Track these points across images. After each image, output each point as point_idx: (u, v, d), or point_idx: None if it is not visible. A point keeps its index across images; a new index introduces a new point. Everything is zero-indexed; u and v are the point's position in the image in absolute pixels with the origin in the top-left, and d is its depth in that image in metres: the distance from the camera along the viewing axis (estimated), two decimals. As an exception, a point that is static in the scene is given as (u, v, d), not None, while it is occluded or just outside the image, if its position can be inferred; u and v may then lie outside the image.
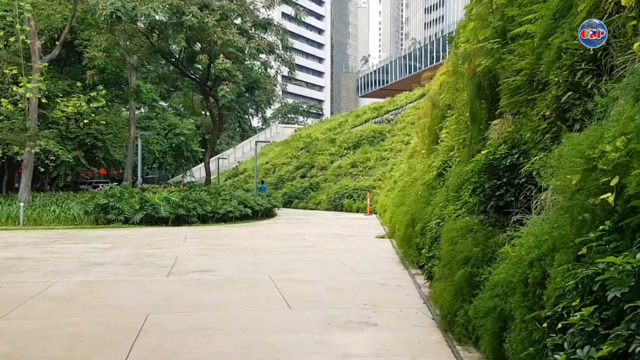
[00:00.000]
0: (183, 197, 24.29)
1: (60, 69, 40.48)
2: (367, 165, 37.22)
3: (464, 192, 7.39)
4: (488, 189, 6.05)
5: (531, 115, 6.01)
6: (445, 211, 7.90)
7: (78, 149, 41.36)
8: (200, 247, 15.07)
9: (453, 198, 8.92)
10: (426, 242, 8.90)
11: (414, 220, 10.90)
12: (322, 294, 8.46)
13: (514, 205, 5.74)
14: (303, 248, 14.73)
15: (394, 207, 16.66)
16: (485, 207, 6.05)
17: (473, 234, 5.85)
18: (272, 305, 7.72)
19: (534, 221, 4.85)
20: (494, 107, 8.73)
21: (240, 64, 29.01)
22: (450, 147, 11.79)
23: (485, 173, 6.23)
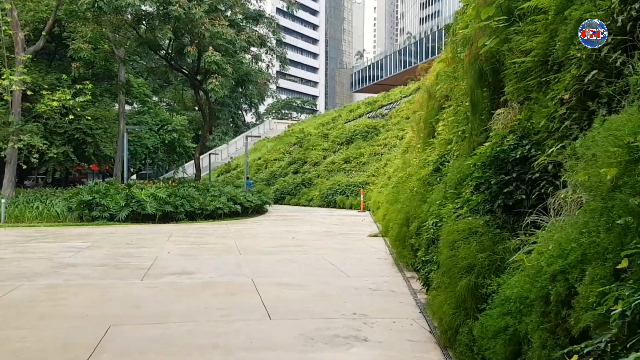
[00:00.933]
0: (170, 193, 23.46)
1: (49, 63, 39.50)
2: (360, 160, 36.40)
3: (465, 189, 6.60)
4: (494, 186, 5.26)
5: (545, 100, 5.21)
6: (443, 210, 7.11)
7: (67, 144, 40.47)
8: (184, 246, 14.26)
9: (452, 195, 8.14)
10: (422, 243, 8.11)
11: (409, 219, 10.10)
12: (308, 301, 7.65)
13: (526, 204, 4.94)
14: (291, 247, 13.92)
15: (388, 204, 15.86)
16: (491, 206, 5.26)
17: (477, 238, 5.05)
18: (251, 314, 6.91)
19: (555, 225, 4.06)
20: (497, 95, 7.94)
21: (230, 57, 28.08)
22: (448, 141, 11.01)
23: (490, 167, 5.44)
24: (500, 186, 5.17)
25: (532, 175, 4.92)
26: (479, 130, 8.27)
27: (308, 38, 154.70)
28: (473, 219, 5.45)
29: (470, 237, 5.15)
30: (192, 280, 9.39)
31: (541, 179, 4.85)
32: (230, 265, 10.92)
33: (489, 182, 5.42)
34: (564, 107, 4.70)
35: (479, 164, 5.92)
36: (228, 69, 26.74)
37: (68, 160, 40.98)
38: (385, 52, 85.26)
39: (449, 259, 5.19)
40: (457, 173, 7.95)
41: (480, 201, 5.47)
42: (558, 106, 4.81)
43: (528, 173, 4.98)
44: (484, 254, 4.82)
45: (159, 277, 9.67)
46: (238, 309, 7.22)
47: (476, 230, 5.15)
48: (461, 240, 5.24)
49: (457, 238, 5.34)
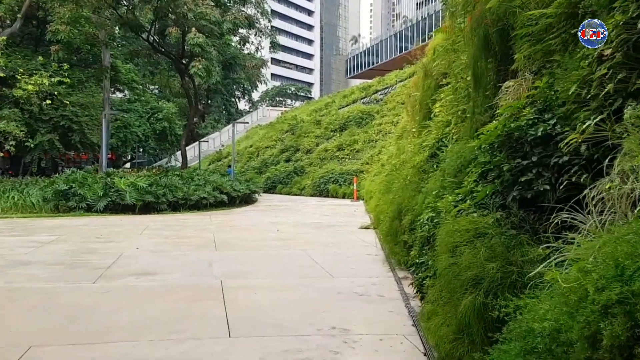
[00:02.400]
0: (152, 182, 22.20)
1: (35, 48, 38.08)
2: (354, 148, 35.07)
3: (468, 178, 5.39)
4: (507, 173, 4.06)
5: (574, 61, 3.99)
6: (441, 202, 5.90)
7: (53, 132, 39.25)
8: (157, 240, 13.05)
9: (451, 184, 6.94)
10: (416, 241, 6.91)
11: (401, 212, 8.90)
12: (280, 311, 6.45)
13: (550, 197, 3.73)
14: (274, 242, 12.71)
15: (380, 194, 14.65)
16: (503, 200, 4.06)
17: (486, 241, 3.85)
18: (208, 330, 5.71)
19: (599, 228, 2.85)
20: (504, 66, 6.73)
21: (215, 39, 26.73)
22: (446, 123, 9.80)
23: (502, 149, 4.25)
24: (515, 174, 3.97)
25: (559, 158, 3.72)
26: (483, 108, 7.07)
27: (303, 24, 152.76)
28: (479, 215, 4.24)
29: (476, 240, 3.95)
30: (152, 282, 8.18)
31: (571, 163, 3.65)
32: (202, 264, 9.71)
33: (499, 169, 4.23)
34: (603, 67, 3.48)
35: (486, 146, 4.72)
36: (212, 51, 25.46)
37: (54, 148, 39.82)
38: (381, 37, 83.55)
39: (449, 268, 3.98)
40: (457, 158, 6.75)
41: (488, 193, 4.25)
42: (594, 66, 3.59)
43: (553, 156, 3.77)
44: (495, 263, 3.63)
45: (115, 278, 8.46)
46: (195, 322, 6.02)
47: (484, 231, 3.94)
48: (464, 243, 4.04)
49: (459, 240, 4.14)
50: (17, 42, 38.51)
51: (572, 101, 3.82)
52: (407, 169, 10.54)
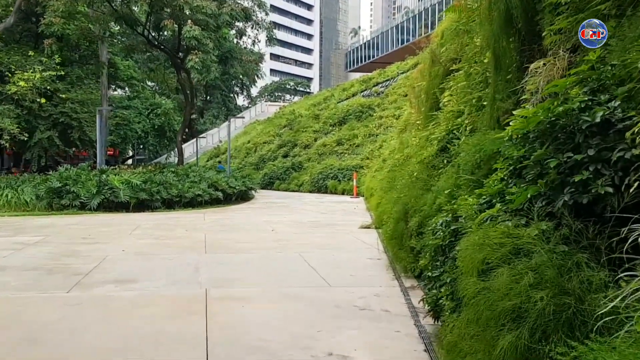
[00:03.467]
0: (146, 179, 21.33)
1: (34, 45, 37.18)
2: (354, 142, 34.06)
3: (494, 175, 4.51)
4: (553, 171, 3.16)
5: (636, 27, 3.10)
6: (459, 205, 5.00)
7: (52, 129, 38.54)
8: (146, 241, 12.18)
9: (467, 183, 6.09)
10: (427, 248, 6.02)
11: (407, 212, 8.02)
12: (268, 330, 5.57)
13: (614, 202, 2.85)
14: (268, 243, 11.83)
15: (382, 191, 13.76)
16: (550, 205, 3.17)
17: (530, 261, 2.96)
18: (182, 356, 4.85)
19: None
20: (529, 45, 5.86)
21: (211, 32, 25.78)
22: (457, 113, 8.92)
23: (543, 140, 3.34)
24: (564, 172, 3.09)
25: (625, 152, 2.84)
26: (505, 94, 6.21)
27: (302, 19, 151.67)
28: (515, 225, 3.35)
29: (514, 259, 3.06)
30: (130, 292, 7.31)
31: (642, 158, 2.76)
32: (188, 269, 8.84)
33: (541, 165, 3.34)
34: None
35: (519, 135, 3.84)
36: (209, 44, 24.52)
37: (53, 145, 39.17)
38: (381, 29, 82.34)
39: (480, 296, 3.09)
40: (475, 152, 5.90)
41: (527, 197, 3.36)
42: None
43: (616, 149, 2.88)
44: (544, 292, 2.75)
45: (92, 287, 7.61)
46: (169, 344, 5.15)
47: (526, 246, 3.05)
48: (499, 261, 3.15)
49: (490, 257, 3.25)
50: (16, 39, 37.69)
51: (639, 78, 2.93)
52: (412, 165, 9.65)
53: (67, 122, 38.01)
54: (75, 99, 37.51)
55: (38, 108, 35.75)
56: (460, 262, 3.64)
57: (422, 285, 7.35)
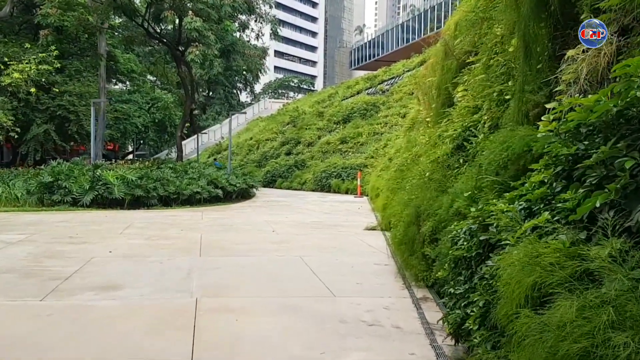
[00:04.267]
0: (142, 175, 20.61)
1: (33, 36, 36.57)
2: (358, 141, 33.30)
3: (534, 177, 3.77)
4: (626, 174, 2.43)
5: None
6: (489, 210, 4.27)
7: (49, 122, 37.96)
8: (136, 241, 11.46)
9: (490, 185, 5.38)
10: (444, 258, 5.30)
11: (420, 216, 7.28)
12: (263, 350, 4.85)
13: None
14: (268, 245, 11.10)
15: (389, 191, 13.01)
16: (624, 217, 2.44)
17: (599, 292, 2.23)
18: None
19: None
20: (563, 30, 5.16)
21: (213, 24, 25.04)
22: (473, 109, 8.19)
23: (609, 134, 2.61)
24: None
25: None
26: (536, 85, 5.48)
27: (307, 16, 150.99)
28: (572, 239, 2.61)
29: (578, 285, 2.32)
30: (112, 301, 6.59)
31: None
32: (179, 274, 8.11)
33: (605, 165, 2.61)
34: None
35: (568, 130, 3.11)
36: (210, 36, 23.78)
37: (49, 139, 38.65)
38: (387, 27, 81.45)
39: (535, 334, 2.36)
40: (502, 151, 5.17)
41: (598, 204, 2.62)
42: None
43: None
44: (627, 333, 2.01)
45: (70, 294, 6.89)
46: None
47: (595, 270, 2.32)
48: (556, 288, 2.42)
49: (544, 281, 2.52)
50: (15, 30, 37.05)
51: None
52: (423, 164, 8.90)
53: (64, 115, 37.52)
54: (73, 91, 36.95)
55: (35, 101, 35.22)
56: (501, 285, 2.90)
57: (435, 296, 6.64)
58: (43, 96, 36.34)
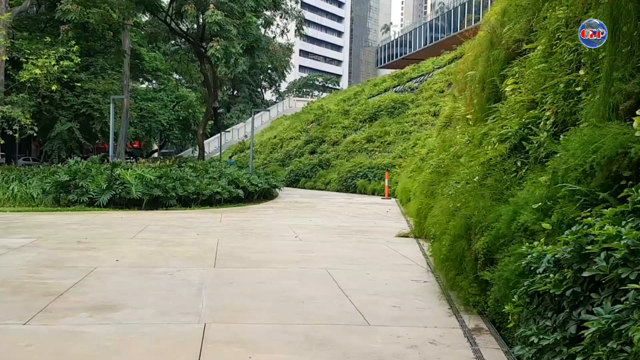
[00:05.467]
0: (161, 174, 19.70)
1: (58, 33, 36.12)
2: (385, 140, 32.05)
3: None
4: None
5: None
6: (593, 233, 3.15)
7: (73, 120, 37.53)
8: (148, 247, 10.48)
9: (569, 195, 4.25)
10: (509, 285, 4.20)
11: (470, 228, 6.15)
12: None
13: None
14: (290, 254, 10.04)
15: (424, 196, 11.84)
16: None
17: None
18: None
19: None
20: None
21: (236, 19, 24.06)
22: (529, 104, 7.06)
23: None
24: None
25: None
26: (628, 71, 4.34)
27: (333, 16, 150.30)
28: None
29: None
30: (106, 326, 5.58)
31: None
32: (188, 290, 7.08)
33: None
34: None
35: None
36: (232, 30, 22.79)
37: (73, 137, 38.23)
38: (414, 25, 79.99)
39: None
40: (588, 153, 4.05)
41: None
42: None
43: None
44: None
45: (60, 316, 5.90)
46: None
47: None
48: None
49: None
50: (41, 28, 36.58)
51: None
52: (468, 166, 7.73)
53: (89, 112, 37.08)
54: (97, 89, 36.51)
55: (60, 98, 34.80)
56: None
57: (491, 327, 5.51)
58: (68, 94, 35.88)
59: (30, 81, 25.21)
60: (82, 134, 38.18)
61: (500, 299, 5.00)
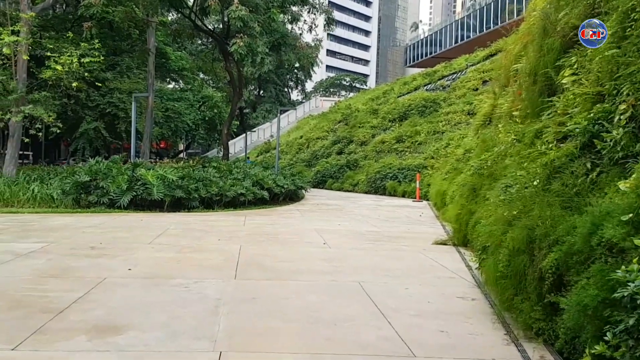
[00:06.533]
0: (183, 175, 18.97)
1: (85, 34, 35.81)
2: (416, 140, 30.89)
3: None
4: None
5: None
6: None
7: (99, 119, 37.21)
8: (165, 255, 9.70)
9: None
10: (593, 316, 3.27)
11: (533, 242, 5.20)
12: None
13: None
14: (318, 263, 9.15)
15: (465, 200, 10.87)
16: None
17: None
18: None
19: None
20: None
21: (260, 15, 23.27)
22: (594, 96, 6.09)
23: None
24: None
25: None
26: None
27: (360, 15, 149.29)
28: None
29: None
30: (105, 353, 4.78)
31: None
32: (204, 307, 6.26)
33: None
34: None
35: None
36: (255, 27, 21.97)
37: (99, 136, 37.91)
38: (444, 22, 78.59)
39: None
40: None
41: None
42: None
43: None
44: None
45: (54, 339, 5.12)
46: None
47: None
48: None
49: None
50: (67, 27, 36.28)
51: None
52: (530, 168, 6.75)
53: (114, 112, 36.77)
54: (122, 88, 36.18)
55: (85, 97, 34.49)
56: None
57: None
58: (94, 93, 35.56)
59: (52, 79, 24.71)
60: (108, 134, 37.86)
61: (575, 328, 4.11)
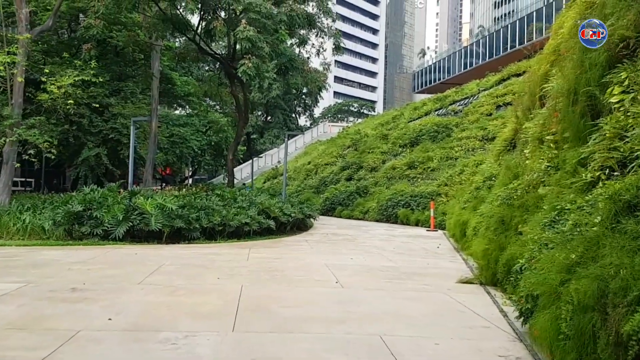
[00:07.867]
0: (184, 203, 17.85)
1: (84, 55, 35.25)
2: (428, 166, 29.74)
3: None
4: None
5: None
6: None
7: (102, 145, 36.36)
8: (156, 298, 8.55)
9: None
10: None
11: (606, 295, 4.05)
12: None
13: None
14: (331, 308, 7.97)
15: (492, 233, 9.68)
16: None
17: None
18: None
19: None
20: None
21: (268, 35, 22.42)
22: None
23: None
24: None
25: None
26: None
27: (367, 42, 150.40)
28: None
29: None
30: None
31: None
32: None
33: None
34: None
35: None
36: (264, 47, 21.08)
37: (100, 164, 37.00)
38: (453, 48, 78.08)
39: None
40: None
41: None
42: None
43: None
44: None
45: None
46: None
47: None
48: None
49: None
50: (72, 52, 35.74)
51: None
52: (587, 201, 5.60)
53: (117, 138, 35.95)
54: (126, 113, 35.40)
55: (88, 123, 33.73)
56: None
57: None
58: (96, 119, 34.79)
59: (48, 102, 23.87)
60: (110, 160, 36.99)
61: None
